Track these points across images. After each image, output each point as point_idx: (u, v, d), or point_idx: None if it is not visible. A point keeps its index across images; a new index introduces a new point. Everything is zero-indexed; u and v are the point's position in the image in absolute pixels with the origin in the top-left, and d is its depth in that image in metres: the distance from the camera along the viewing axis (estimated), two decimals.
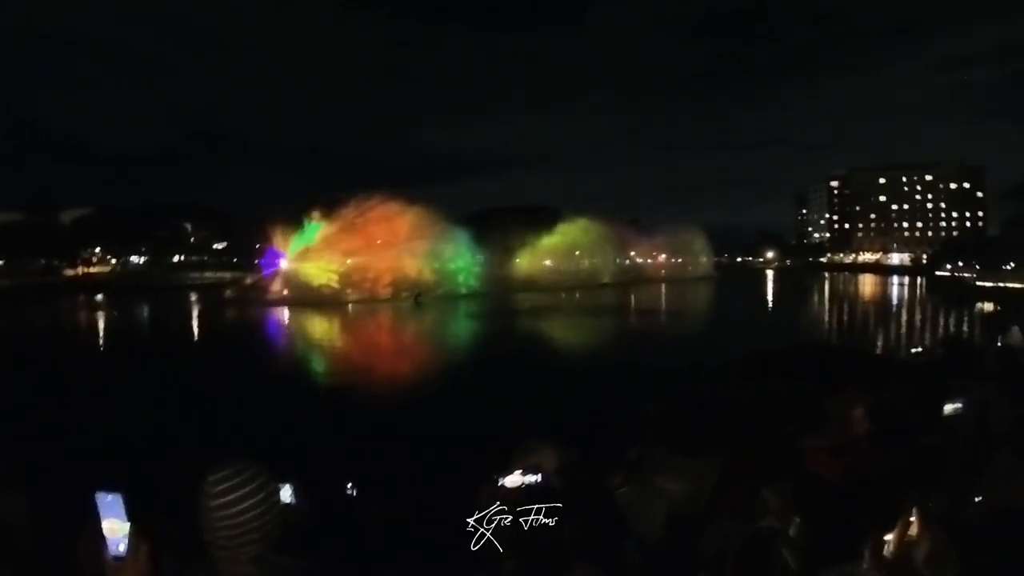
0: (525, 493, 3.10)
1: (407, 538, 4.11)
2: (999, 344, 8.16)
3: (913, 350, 10.55)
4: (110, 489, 1.99)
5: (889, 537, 5.81)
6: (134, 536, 1.98)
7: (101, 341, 49.72)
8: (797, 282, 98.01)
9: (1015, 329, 8.80)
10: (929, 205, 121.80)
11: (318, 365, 39.39)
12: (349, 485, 4.53)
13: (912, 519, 5.51)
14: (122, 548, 1.97)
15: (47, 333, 49.41)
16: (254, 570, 2.24)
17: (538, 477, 3.18)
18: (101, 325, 56.05)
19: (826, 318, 61.59)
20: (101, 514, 1.98)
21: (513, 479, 3.06)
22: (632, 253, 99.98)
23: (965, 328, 45.04)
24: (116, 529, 1.99)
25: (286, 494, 3.27)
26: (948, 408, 5.02)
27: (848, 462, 3.74)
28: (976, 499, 3.43)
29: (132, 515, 2.00)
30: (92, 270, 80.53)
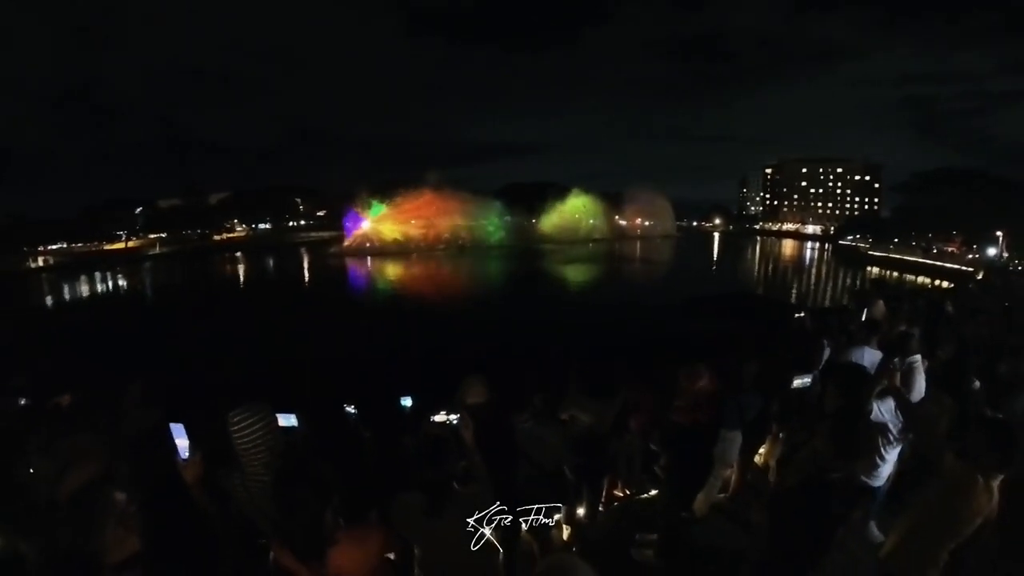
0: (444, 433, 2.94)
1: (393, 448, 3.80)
2: (864, 316, 7.65)
3: (796, 315, 9.91)
4: (177, 421, 2.58)
5: (762, 450, 5.91)
6: (192, 449, 2.52)
7: (242, 283, 51.60)
8: (736, 243, 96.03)
9: (880, 303, 8.50)
10: (838, 191, 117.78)
11: (397, 290, 41.46)
12: (352, 407, 4.34)
13: (772, 445, 5.58)
14: (186, 455, 2.50)
15: (206, 280, 51.02)
16: (264, 472, 2.56)
17: (456, 416, 3.08)
18: (241, 273, 57.63)
19: (755, 272, 60.26)
20: (174, 435, 2.55)
21: (439, 417, 3.08)
22: (616, 216, 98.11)
23: (857, 283, 43.90)
24: (181, 444, 2.54)
25: (292, 420, 3.50)
26: (796, 382, 4.87)
27: (694, 415, 3.80)
28: (803, 454, 3.33)
29: (191, 436, 2.57)
30: (231, 235, 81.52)
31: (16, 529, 2.50)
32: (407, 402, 4.37)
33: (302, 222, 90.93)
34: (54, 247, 63.78)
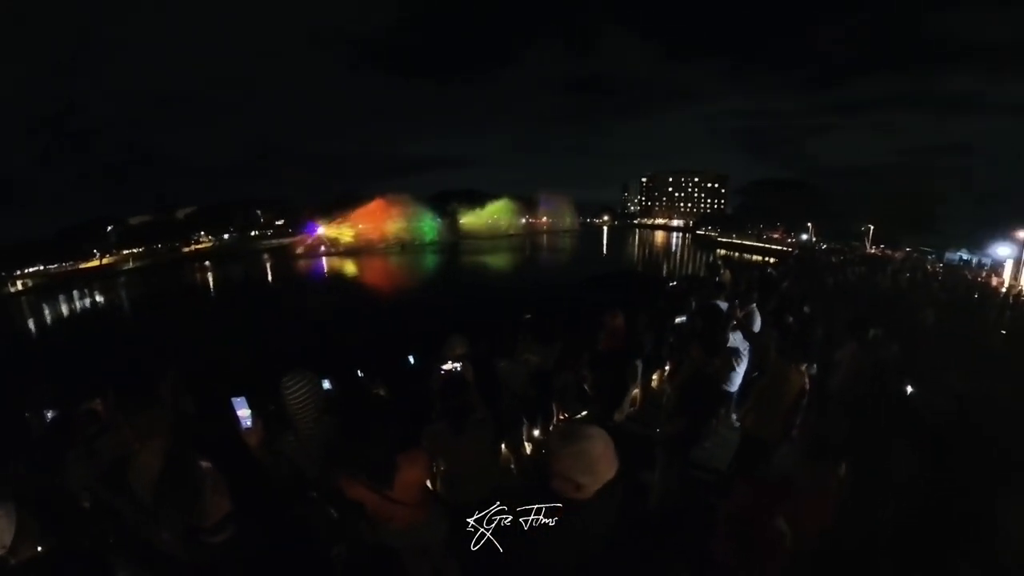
0: (451, 376, 3.00)
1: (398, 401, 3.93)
2: (716, 280, 8.43)
3: (670, 283, 11.07)
4: (239, 394, 2.31)
5: (656, 377, 6.63)
6: (254, 417, 2.32)
7: (212, 288, 47.78)
8: (621, 235, 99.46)
9: (726, 272, 9.53)
10: (695, 194, 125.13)
11: (355, 283, 40.16)
12: (359, 372, 4.37)
13: (662, 373, 6.33)
14: (248, 423, 2.31)
15: (180, 288, 46.59)
16: (314, 426, 2.47)
17: (459, 365, 3.19)
18: (211, 279, 52.83)
19: (635, 255, 63.60)
20: (236, 407, 2.27)
21: (446, 367, 3.27)
22: (528, 215, 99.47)
23: (710, 260, 47.31)
24: (244, 414, 2.29)
25: (326, 384, 3.23)
26: (677, 320, 5.68)
27: (613, 343, 4.13)
28: (686, 363, 3.81)
29: (252, 405, 2.30)
30: (199, 246, 74.05)
31: (64, 531, 2.27)
32: (412, 360, 4.56)
33: (263, 231, 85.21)
34: (31, 270, 55.05)
